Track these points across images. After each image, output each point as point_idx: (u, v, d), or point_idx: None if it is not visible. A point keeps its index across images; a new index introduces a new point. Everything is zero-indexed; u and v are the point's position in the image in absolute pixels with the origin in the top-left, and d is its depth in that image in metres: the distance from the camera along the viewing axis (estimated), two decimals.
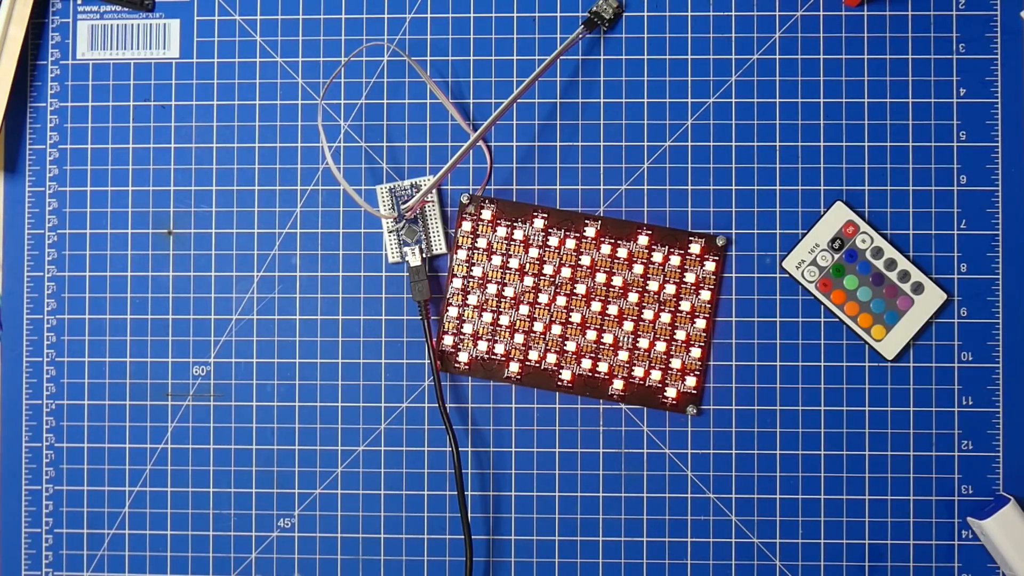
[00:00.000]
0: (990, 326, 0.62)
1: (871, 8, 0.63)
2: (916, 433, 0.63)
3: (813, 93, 0.63)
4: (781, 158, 0.63)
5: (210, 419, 0.64)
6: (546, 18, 0.64)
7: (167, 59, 0.64)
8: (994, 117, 0.63)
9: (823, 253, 0.62)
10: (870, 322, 0.62)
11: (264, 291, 0.64)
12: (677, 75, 0.63)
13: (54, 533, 0.64)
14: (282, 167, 0.64)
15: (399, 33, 0.64)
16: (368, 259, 0.64)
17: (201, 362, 0.64)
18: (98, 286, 0.64)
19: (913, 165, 0.63)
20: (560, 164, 0.63)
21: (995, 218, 0.62)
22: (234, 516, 0.64)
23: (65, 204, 0.64)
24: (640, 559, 0.63)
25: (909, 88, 0.63)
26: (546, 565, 0.63)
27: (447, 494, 0.63)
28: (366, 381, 0.63)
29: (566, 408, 0.63)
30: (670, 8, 0.63)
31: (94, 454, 0.64)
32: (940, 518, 0.63)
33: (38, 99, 0.65)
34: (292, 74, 0.64)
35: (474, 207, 0.62)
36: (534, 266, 0.62)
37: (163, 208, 0.64)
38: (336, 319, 0.64)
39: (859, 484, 0.62)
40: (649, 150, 0.63)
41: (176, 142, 0.64)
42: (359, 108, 0.64)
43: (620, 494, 0.63)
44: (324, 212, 0.64)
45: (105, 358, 0.64)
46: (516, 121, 0.64)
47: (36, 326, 0.64)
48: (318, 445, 0.64)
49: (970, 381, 0.62)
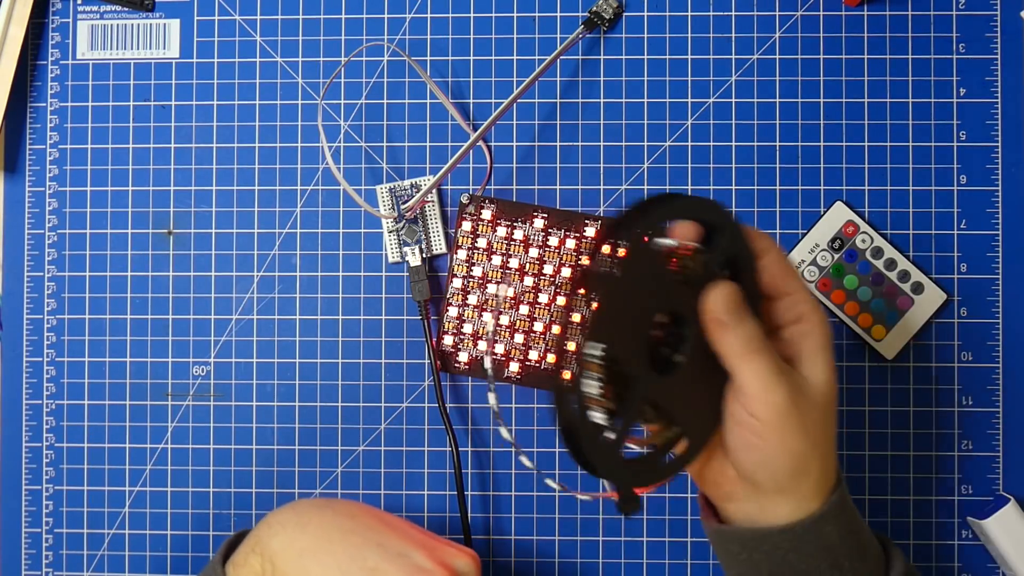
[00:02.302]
0: (990, 326, 0.62)
1: (871, 8, 0.63)
2: (916, 433, 0.63)
3: (813, 93, 0.63)
4: (781, 158, 0.63)
5: (210, 419, 0.64)
6: (546, 18, 0.64)
7: (167, 59, 0.64)
8: (994, 117, 0.63)
9: (823, 253, 0.62)
10: (870, 322, 0.62)
11: (264, 291, 0.64)
12: (677, 75, 0.63)
13: (54, 533, 0.64)
14: (282, 167, 0.64)
15: (399, 33, 0.64)
16: (368, 259, 0.64)
17: (201, 362, 0.64)
18: (98, 286, 0.64)
19: (913, 165, 0.63)
20: (560, 164, 0.63)
21: (995, 218, 0.62)
22: (234, 516, 0.64)
23: (65, 204, 0.64)
24: (640, 559, 0.63)
25: (909, 88, 0.63)
26: (546, 565, 0.63)
27: (447, 494, 0.63)
28: (366, 381, 0.63)
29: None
30: (670, 8, 0.63)
31: (94, 454, 0.64)
32: (940, 518, 0.63)
33: (38, 99, 0.65)
34: (292, 74, 0.64)
35: (474, 207, 0.62)
36: (534, 266, 0.62)
37: (163, 208, 0.64)
38: (336, 319, 0.64)
39: (859, 484, 0.62)
40: (649, 150, 0.63)
41: (176, 142, 0.64)
42: (359, 108, 0.64)
43: None
44: (324, 212, 0.64)
45: (105, 358, 0.64)
46: (516, 121, 0.64)
47: (36, 326, 0.64)
48: (318, 445, 0.64)
49: (970, 381, 0.62)
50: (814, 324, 0.47)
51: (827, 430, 0.47)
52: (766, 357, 0.45)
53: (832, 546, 0.48)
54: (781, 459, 0.46)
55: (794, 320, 0.47)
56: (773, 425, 0.45)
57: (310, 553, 0.50)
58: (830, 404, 0.47)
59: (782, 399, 0.45)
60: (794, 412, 0.45)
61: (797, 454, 0.46)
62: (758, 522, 0.48)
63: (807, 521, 0.47)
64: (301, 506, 0.53)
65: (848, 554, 0.48)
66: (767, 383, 0.45)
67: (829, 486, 0.49)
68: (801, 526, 0.47)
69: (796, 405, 0.45)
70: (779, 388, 0.45)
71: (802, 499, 0.47)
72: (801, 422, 0.45)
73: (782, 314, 0.47)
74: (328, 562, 0.50)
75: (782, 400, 0.45)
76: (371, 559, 0.50)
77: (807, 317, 0.47)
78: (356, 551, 0.50)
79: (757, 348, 0.45)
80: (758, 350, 0.45)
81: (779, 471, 0.47)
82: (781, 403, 0.45)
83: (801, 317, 0.47)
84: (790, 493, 0.47)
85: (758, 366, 0.45)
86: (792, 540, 0.48)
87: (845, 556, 0.48)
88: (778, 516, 0.48)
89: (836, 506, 0.48)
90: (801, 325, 0.47)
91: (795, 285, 0.47)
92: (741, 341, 0.45)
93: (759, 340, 0.45)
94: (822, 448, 0.47)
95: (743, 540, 0.49)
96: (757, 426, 0.46)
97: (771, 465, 0.47)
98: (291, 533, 0.51)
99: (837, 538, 0.48)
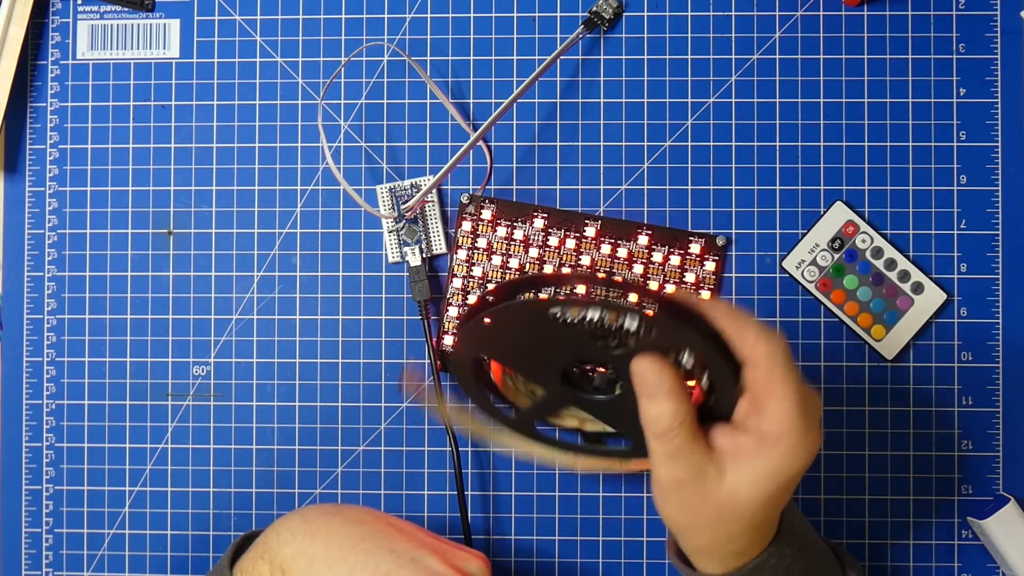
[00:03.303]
0: (990, 326, 0.62)
1: (871, 8, 0.63)
2: (916, 433, 0.63)
3: (813, 93, 0.63)
4: (781, 158, 0.63)
5: (210, 419, 0.64)
6: (546, 18, 0.64)
7: (167, 59, 0.64)
8: (994, 117, 0.63)
9: (823, 253, 0.62)
10: (870, 322, 0.62)
11: (264, 291, 0.64)
12: (677, 75, 0.63)
13: (54, 533, 0.64)
14: (282, 167, 0.64)
15: (399, 33, 0.64)
16: (368, 259, 0.64)
17: (201, 362, 0.64)
18: (98, 286, 0.64)
19: (913, 165, 0.63)
20: (560, 164, 0.63)
21: (995, 218, 0.62)
22: (234, 516, 0.64)
23: (65, 204, 0.64)
24: (640, 559, 0.63)
25: (909, 88, 0.63)
26: (546, 565, 0.63)
27: (447, 494, 0.63)
28: (366, 381, 0.63)
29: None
30: (670, 8, 0.63)
31: (94, 454, 0.64)
32: (940, 518, 0.63)
33: (38, 99, 0.65)
34: (292, 74, 0.64)
35: (474, 207, 0.62)
36: (534, 266, 0.62)
37: (163, 208, 0.64)
38: (336, 319, 0.64)
39: (859, 484, 0.62)
40: (649, 150, 0.63)
41: (176, 142, 0.64)
42: (359, 108, 0.64)
43: (620, 494, 0.63)
44: (324, 212, 0.64)
45: (105, 358, 0.64)
46: (516, 121, 0.64)
47: (36, 326, 0.64)
48: (318, 445, 0.64)
49: (970, 381, 0.62)
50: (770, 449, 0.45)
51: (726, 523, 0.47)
52: (663, 444, 0.45)
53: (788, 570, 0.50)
54: (674, 526, 0.49)
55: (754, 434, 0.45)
56: (657, 493, 0.47)
57: (322, 562, 0.50)
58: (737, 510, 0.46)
59: (667, 479, 0.46)
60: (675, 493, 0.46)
61: (675, 524, 0.48)
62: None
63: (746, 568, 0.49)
64: (310, 513, 0.53)
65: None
66: (657, 462, 0.46)
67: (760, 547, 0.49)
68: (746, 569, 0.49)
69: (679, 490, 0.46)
70: (668, 469, 0.46)
71: (722, 559, 0.49)
72: (681, 504, 0.47)
73: (751, 420, 0.46)
74: (341, 571, 0.49)
75: (667, 480, 0.46)
76: (384, 565, 0.50)
77: (769, 439, 0.45)
78: (368, 557, 0.50)
79: (659, 432, 0.45)
80: (659, 434, 0.45)
81: (677, 534, 0.49)
82: (666, 482, 0.46)
83: (764, 438, 0.45)
84: (706, 554, 0.49)
85: (654, 447, 0.46)
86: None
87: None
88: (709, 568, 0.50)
89: (772, 555, 0.49)
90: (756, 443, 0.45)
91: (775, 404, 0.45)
92: (648, 419, 0.46)
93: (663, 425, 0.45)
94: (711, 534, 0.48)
95: None
96: (655, 490, 0.48)
97: (670, 526, 0.49)
98: (301, 542, 0.51)
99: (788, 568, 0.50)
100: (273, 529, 0.53)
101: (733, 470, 0.45)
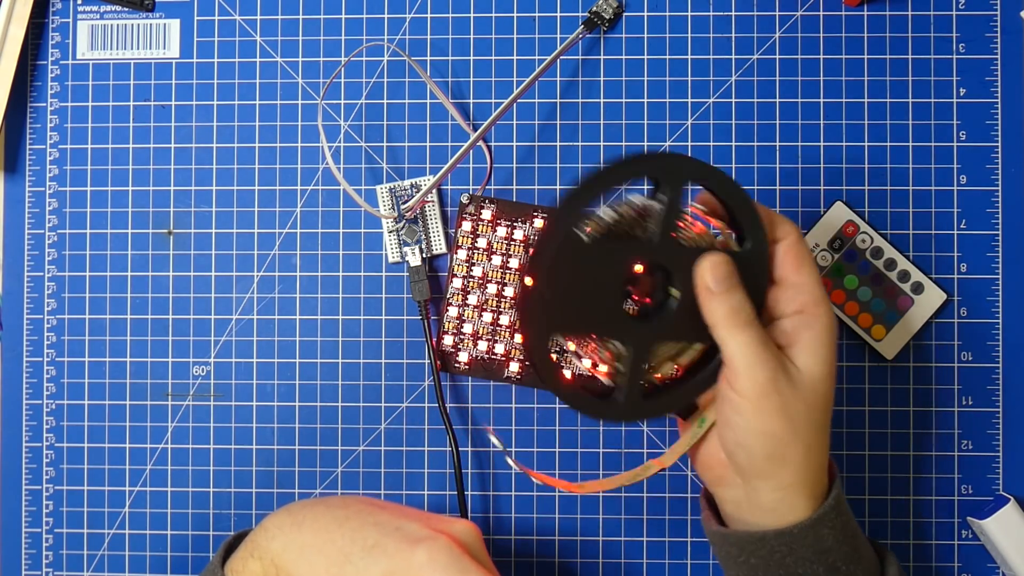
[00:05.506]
0: (990, 326, 0.62)
1: (871, 8, 0.63)
2: (916, 433, 0.63)
3: (813, 93, 0.63)
4: (781, 158, 0.63)
5: (210, 419, 0.64)
6: (546, 18, 0.64)
7: (167, 59, 0.64)
8: (994, 117, 0.63)
9: (823, 253, 0.62)
10: (870, 322, 0.62)
11: (264, 291, 0.64)
12: (677, 75, 0.63)
13: (54, 533, 0.64)
14: (282, 167, 0.64)
15: (399, 33, 0.64)
16: (368, 259, 0.64)
17: (201, 362, 0.64)
18: (98, 286, 0.64)
19: (913, 165, 0.63)
20: (560, 164, 0.63)
21: (995, 218, 0.62)
22: (234, 516, 0.64)
23: (65, 204, 0.64)
24: (640, 559, 0.63)
25: (909, 88, 0.63)
26: (546, 565, 0.63)
27: (447, 494, 0.63)
28: (366, 381, 0.63)
29: (566, 408, 0.63)
30: (670, 8, 0.63)
31: (94, 454, 0.64)
32: (940, 518, 0.63)
33: (38, 99, 0.65)
34: (292, 74, 0.64)
35: (474, 207, 0.62)
36: None
37: (163, 208, 0.64)
38: (336, 319, 0.64)
39: (859, 484, 0.62)
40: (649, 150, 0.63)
41: (176, 142, 0.64)
42: (359, 108, 0.64)
43: (620, 494, 0.63)
44: (324, 212, 0.64)
45: (105, 358, 0.64)
46: (516, 121, 0.64)
47: (36, 326, 0.64)
48: (318, 445, 0.64)
49: (970, 381, 0.62)
50: (816, 316, 0.46)
51: (814, 422, 0.47)
52: (752, 332, 0.45)
53: (828, 549, 0.48)
54: (757, 439, 0.46)
55: (797, 310, 0.47)
56: (752, 403, 0.45)
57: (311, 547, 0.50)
58: (820, 398, 0.47)
59: (764, 377, 0.45)
60: (775, 394, 0.45)
61: (774, 437, 0.46)
62: (744, 509, 0.49)
63: (803, 524, 0.47)
64: (294, 507, 0.53)
65: (844, 558, 0.48)
66: (751, 359, 0.45)
67: (821, 486, 0.48)
68: (797, 528, 0.47)
69: (778, 387, 0.45)
70: (762, 366, 0.45)
71: (781, 487, 0.47)
72: (782, 405, 0.45)
73: (786, 303, 0.47)
74: (330, 551, 0.50)
75: (764, 379, 0.45)
76: (370, 537, 0.50)
77: (810, 309, 0.47)
78: (355, 534, 0.50)
79: (745, 322, 0.45)
80: (746, 324, 0.45)
81: (755, 452, 0.47)
82: (762, 381, 0.45)
83: (804, 307, 0.47)
84: (768, 478, 0.47)
85: (743, 339, 0.45)
86: (788, 543, 0.48)
87: (841, 560, 0.48)
88: (760, 503, 0.48)
89: (831, 510, 0.48)
90: (803, 316, 0.47)
91: (805, 276, 0.47)
92: (729, 312, 0.45)
93: (747, 314, 0.45)
94: (805, 438, 0.47)
95: (741, 543, 0.49)
96: (737, 402, 0.46)
97: (748, 445, 0.47)
98: (289, 534, 0.51)
99: (833, 542, 0.48)
100: (261, 527, 0.53)
101: (799, 354, 0.46)
